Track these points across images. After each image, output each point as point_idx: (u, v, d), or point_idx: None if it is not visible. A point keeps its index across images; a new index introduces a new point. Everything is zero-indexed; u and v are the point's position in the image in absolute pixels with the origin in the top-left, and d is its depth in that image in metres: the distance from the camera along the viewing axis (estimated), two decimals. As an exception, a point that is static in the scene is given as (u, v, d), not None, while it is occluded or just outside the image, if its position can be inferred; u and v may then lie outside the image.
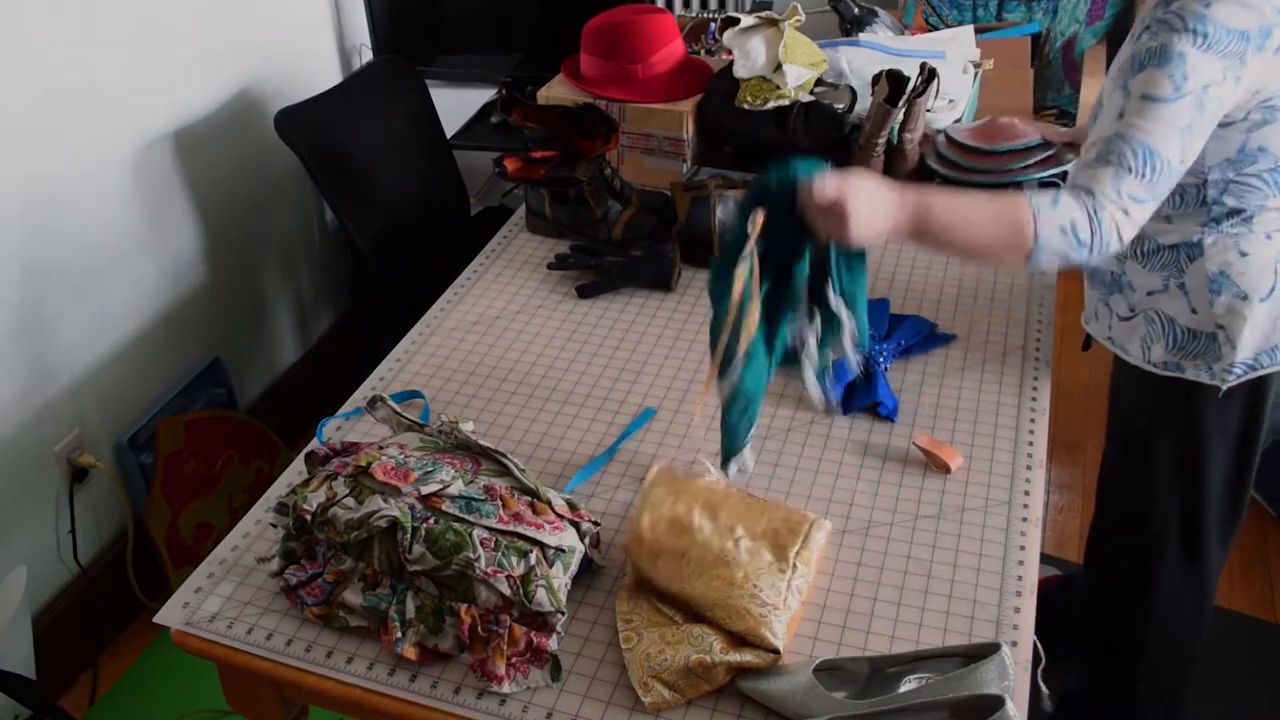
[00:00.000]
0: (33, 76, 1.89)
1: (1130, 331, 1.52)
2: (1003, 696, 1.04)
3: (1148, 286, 1.48)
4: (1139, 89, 1.28)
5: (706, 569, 1.20)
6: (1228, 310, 1.42)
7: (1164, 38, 1.27)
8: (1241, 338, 1.42)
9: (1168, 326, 1.47)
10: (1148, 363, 1.51)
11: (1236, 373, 1.45)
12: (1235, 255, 1.41)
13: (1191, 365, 1.47)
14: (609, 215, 1.93)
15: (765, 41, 2.04)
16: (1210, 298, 1.42)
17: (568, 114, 1.90)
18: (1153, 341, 1.49)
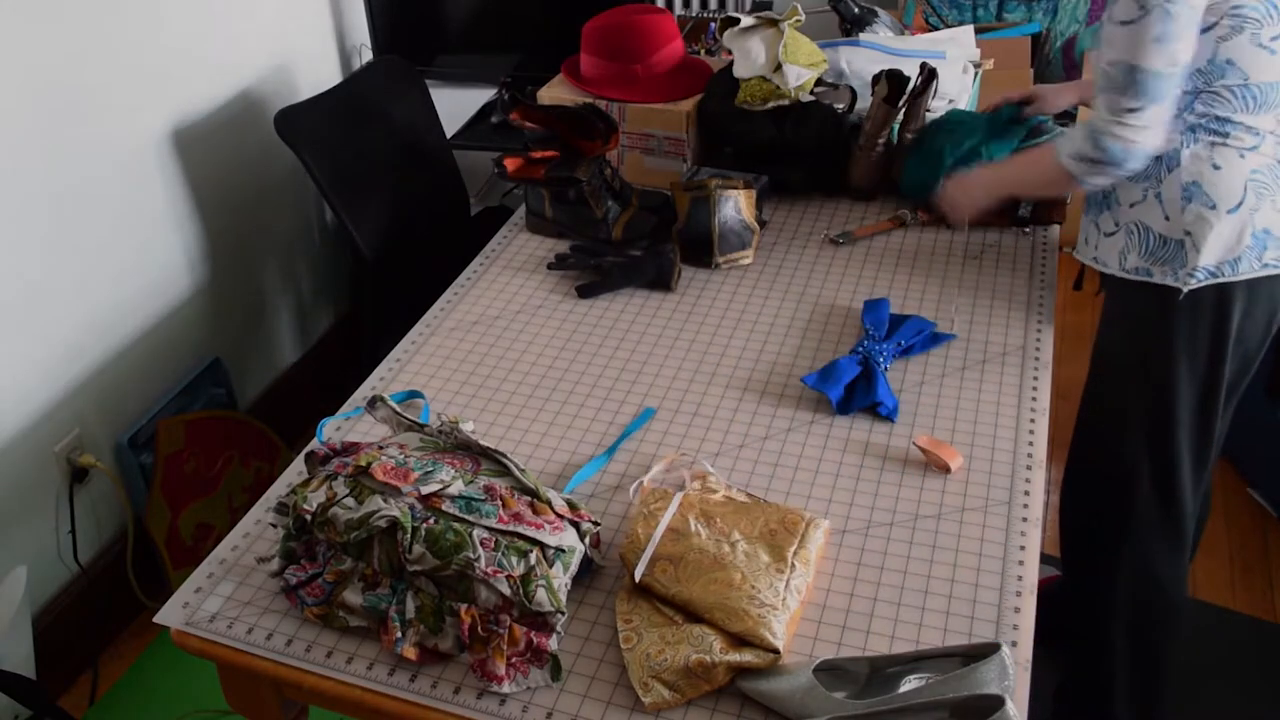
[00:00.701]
0: (33, 76, 1.89)
1: (1112, 246, 1.60)
2: (1003, 696, 1.04)
3: (1130, 199, 1.57)
4: (1115, 16, 1.42)
5: (704, 572, 1.21)
6: (1196, 218, 1.50)
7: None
8: (1206, 244, 1.50)
9: (1143, 234, 1.56)
10: (1122, 269, 1.59)
11: (1199, 277, 1.52)
12: (1209, 168, 1.49)
13: (1159, 269, 1.55)
14: (609, 215, 1.93)
15: (765, 41, 2.04)
16: (1181, 205, 1.51)
17: (568, 114, 1.90)
18: (1129, 251, 1.58)
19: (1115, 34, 1.43)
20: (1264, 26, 1.42)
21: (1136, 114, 1.44)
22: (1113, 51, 1.44)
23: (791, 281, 1.84)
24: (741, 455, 1.47)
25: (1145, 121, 1.44)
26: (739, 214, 1.85)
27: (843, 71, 2.16)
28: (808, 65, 2.05)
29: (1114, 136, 1.46)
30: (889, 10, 2.74)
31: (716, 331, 1.72)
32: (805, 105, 2.03)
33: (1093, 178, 1.52)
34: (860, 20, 2.52)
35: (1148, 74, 1.41)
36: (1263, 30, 1.42)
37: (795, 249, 1.93)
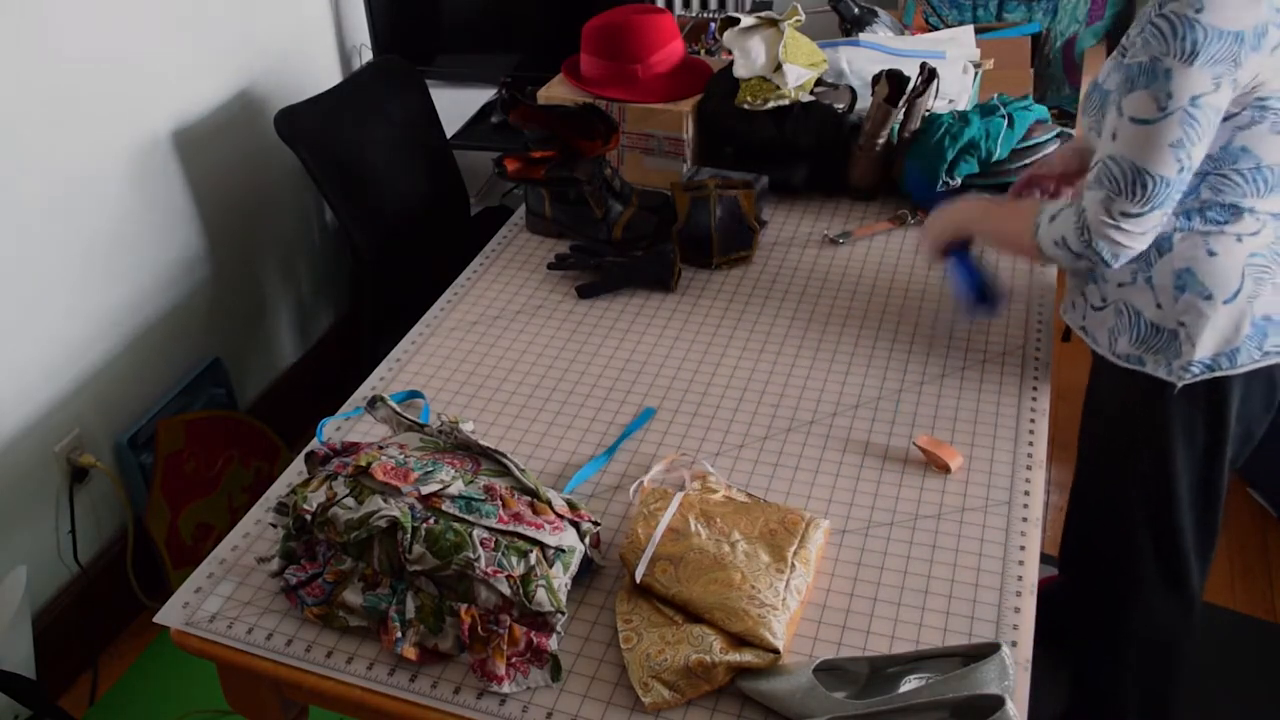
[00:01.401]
0: (32, 76, 1.89)
1: (1101, 322, 1.51)
2: (1003, 696, 1.04)
3: (1118, 278, 1.47)
4: (1128, 110, 1.30)
5: (704, 572, 1.21)
6: (1190, 308, 1.41)
7: (1153, 50, 1.26)
8: (1201, 337, 1.41)
9: (1134, 319, 1.46)
10: (1113, 354, 1.50)
11: (1194, 371, 1.43)
12: (1203, 254, 1.39)
13: (1152, 359, 1.46)
14: (609, 215, 1.93)
15: (765, 41, 2.04)
16: (1175, 294, 1.41)
17: (568, 114, 1.90)
18: (1119, 333, 1.48)
19: (1125, 130, 1.30)
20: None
21: (1136, 220, 1.32)
22: (1119, 147, 1.31)
23: (791, 281, 1.84)
24: (741, 455, 1.47)
25: (1143, 228, 1.33)
26: (739, 214, 1.85)
27: (843, 71, 2.16)
28: (808, 65, 2.05)
29: (1106, 239, 1.34)
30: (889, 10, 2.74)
31: (716, 331, 1.72)
32: (805, 105, 2.03)
33: (1071, 264, 1.42)
34: (860, 20, 2.52)
35: (1157, 180, 1.29)
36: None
37: (795, 249, 1.93)
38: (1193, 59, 1.24)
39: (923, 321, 1.72)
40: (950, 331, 1.69)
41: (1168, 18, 1.25)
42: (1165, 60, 1.25)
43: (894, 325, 1.71)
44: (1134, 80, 1.29)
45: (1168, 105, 1.26)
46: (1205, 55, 1.24)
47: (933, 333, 1.69)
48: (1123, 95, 1.30)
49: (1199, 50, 1.23)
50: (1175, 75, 1.25)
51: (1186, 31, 1.23)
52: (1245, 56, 1.24)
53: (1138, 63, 1.28)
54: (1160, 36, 1.25)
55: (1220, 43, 1.23)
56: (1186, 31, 1.23)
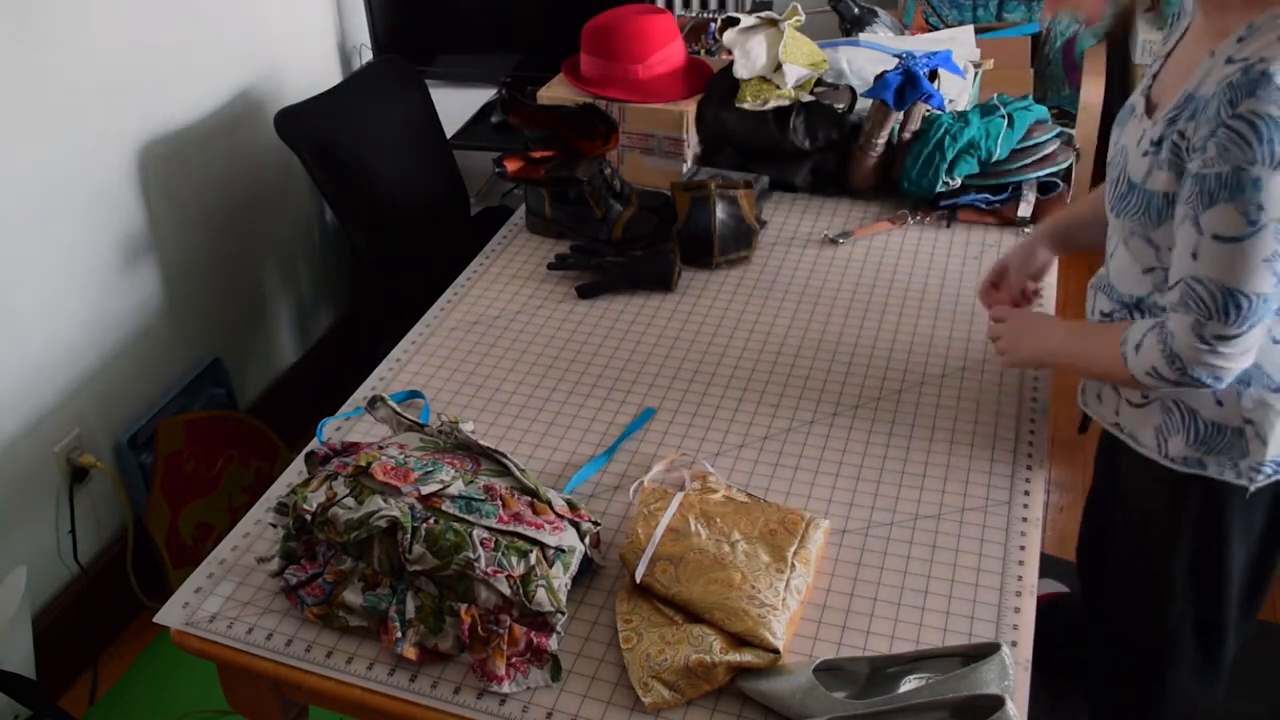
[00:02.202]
0: (32, 76, 1.89)
1: (1144, 420, 1.36)
2: (1003, 696, 1.04)
3: None
4: (1210, 228, 1.14)
5: (704, 572, 1.21)
6: (1258, 404, 1.27)
7: (1235, 159, 1.10)
8: (1273, 433, 1.28)
9: (1188, 418, 1.32)
10: (1164, 457, 1.35)
11: (1266, 472, 1.30)
12: (1268, 343, 1.24)
13: (1214, 461, 1.32)
14: (609, 215, 1.93)
15: (765, 41, 2.04)
16: (1238, 389, 1.27)
17: (568, 114, 1.90)
18: (1170, 434, 1.34)
19: (1209, 249, 1.15)
20: None
21: (1234, 341, 1.17)
22: (1203, 268, 1.16)
23: (791, 281, 1.84)
24: (741, 455, 1.47)
25: (1244, 347, 1.18)
26: (739, 214, 1.85)
27: (843, 71, 2.16)
28: (808, 65, 2.05)
29: (1204, 365, 1.19)
30: (889, 10, 2.74)
31: (716, 331, 1.72)
32: (805, 105, 2.03)
33: (1174, 393, 1.29)
34: (860, 20, 2.52)
35: (1253, 299, 1.14)
36: None
37: (795, 249, 1.93)
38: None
39: (923, 321, 1.72)
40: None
41: (1247, 120, 1.09)
42: (1251, 170, 1.09)
43: (894, 325, 1.71)
44: (1213, 194, 1.13)
45: (1259, 219, 1.11)
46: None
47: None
48: (1200, 210, 1.15)
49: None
50: (1266, 184, 1.09)
51: (1272, 132, 1.08)
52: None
53: (1215, 173, 1.12)
54: (1241, 142, 1.09)
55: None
56: (1272, 132, 1.08)
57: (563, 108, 1.92)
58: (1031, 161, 1.92)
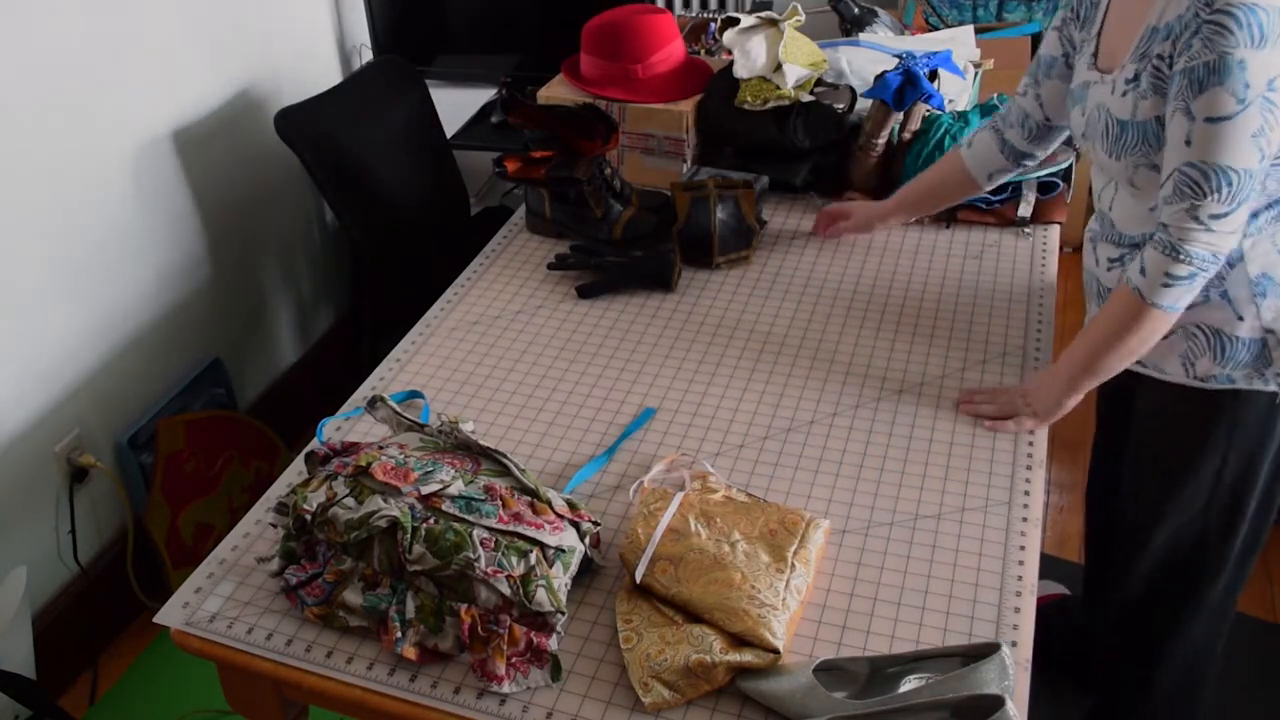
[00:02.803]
0: (32, 76, 1.89)
1: (1167, 350, 1.42)
2: (1003, 696, 1.04)
3: None
4: (1202, 112, 1.23)
5: (704, 572, 1.21)
6: (1277, 314, 1.35)
7: (1219, 47, 1.21)
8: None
9: (1213, 339, 1.38)
10: (1194, 379, 1.42)
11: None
12: (1276, 254, 1.34)
13: (1243, 374, 1.39)
14: (609, 215, 1.93)
15: (765, 41, 2.04)
16: (1256, 301, 1.35)
17: (568, 114, 1.90)
18: (1197, 356, 1.40)
19: (1202, 132, 1.24)
20: None
21: (1225, 219, 1.26)
22: (1196, 153, 1.25)
23: (791, 281, 1.84)
24: (741, 455, 1.47)
25: (1233, 225, 1.27)
26: (739, 214, 1.85)
27: (843, 71, 2.16)
28: (808, 65, 2.05)
29: (1203, 244, 1.27)
30: (889, 10, 2.74)
31: (716, 331, 1.72)
32: (805, 105, 2.03)
33: (1181, 299, 1.32)
34: (860, 20, 2.52)
35: (1240, 174, 1.24)
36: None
37: (795, 249, 1.93)
38: (1264, 42, 1.19)
39: (923, 322, 1.72)
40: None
41: (1226, 11, 1.20)
42: (1235, 52, 1.20)
43: (894, 325, 1.71)
44: (1202, 81, 1.22)
45: (1245, 96, 1.21)
46: (1275, 34, 1.19)
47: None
48: (1191, 98, 1.24)
49: (1267, 31, 1.19)
50: (1249, 65, 1.20)
51: (1249, 17, 1.19)
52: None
53: (1202, 63, 1.22)
54: (1224, 30, 1.20)
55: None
56: (1249, 17, 1.19)
57: (562, 108, 1.92)
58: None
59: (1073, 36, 1.50)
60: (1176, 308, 1.32)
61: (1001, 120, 1.66)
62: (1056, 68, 1.54)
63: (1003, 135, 1.65)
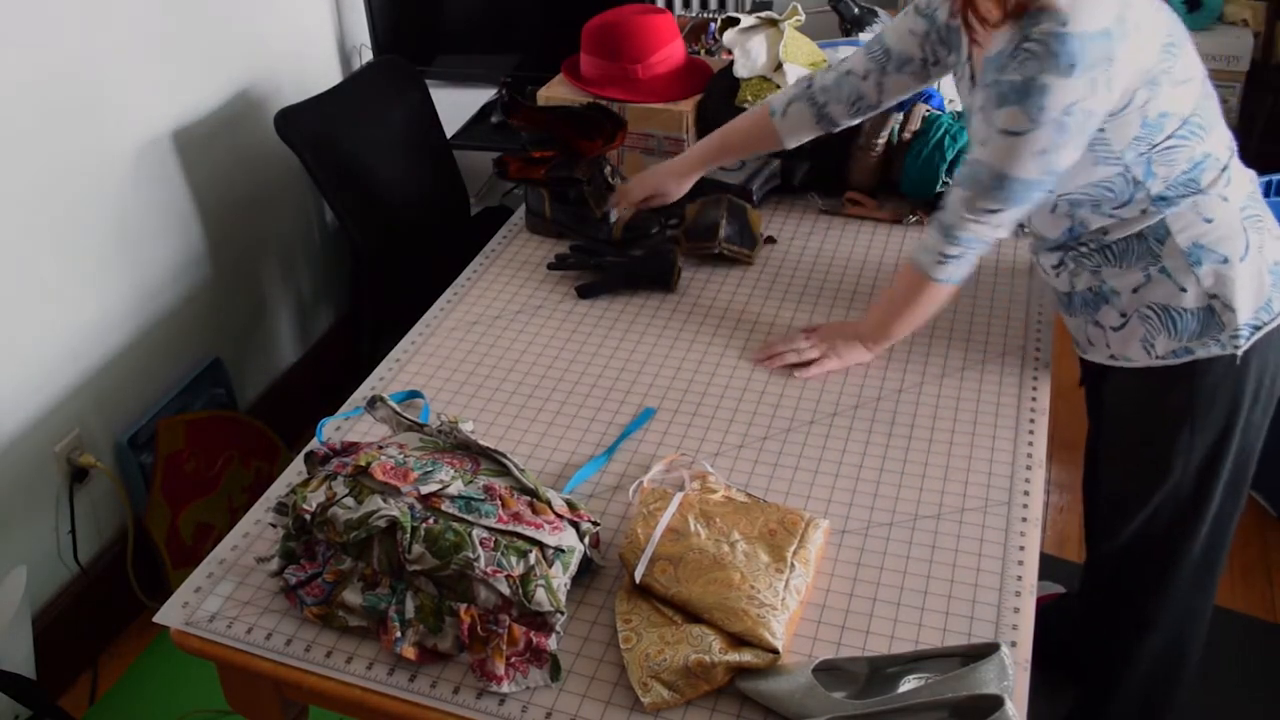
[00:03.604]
0: (33, 76, 1.89)
1: (1128, 337, 1.49)
2: (1002, 696, 1.04)
3: (1131, 284, 1.45)
4: (999, 123, 1.32)
5: (704, 572, 1.21)
6: (1215, 278, 1.40)
7: (1028, 70, 1.27)
8: (1237, 301, 1.40)
9: (1163, 316, 1.44)
10: (1155, 358, 1.47)
11: (1244, 335, 1.42)
12: (1201, 223, 1.39)
13: (1199, 344, 1.44)
14: (609, 215, 1.93)
15: (766, 41, 2.04)
16: (1194, 271, 1.40)
17: (569, 114, 1.90)
18: (1154, 336, 1.46)
19: (995, 141, 1.33)
20: (1174, 68, 1.33)
21: (995, 215, 1.38)
22: (986, 154, 1.35)
23: (791, 281, 1.84)
24: (741, 455, 1.47)
25: (1002, 221, 1.39)
26: (746, 224, 1.87)
27: (843, 71, 2.15)
28: (808, 65, 2.05)
29: (971, 230, 1.40)
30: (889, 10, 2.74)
31: (716, 331, 1.72)
32: (805, 105, 2.03)
33: (960, 273, 1.46)
34: (860, 20, 2.51)
35: (1018, 182, 1.34)
36: (1174, 70, 1.33)
37: (795, 249, 1.93)
38: (1071, 71, 1.25)
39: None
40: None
41: (1039, 40, 1.25)
42: (1041, 78, 1.26)
43: (894, 325, 1.71)
44: (1004, 96, 1.30)
45: (1039, 119, 1.28)
46: (1083, 64, 1.25)
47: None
48: (992, 109, 1.32)
49: (1076, 61, 1.25)
50: (1052, 90, 1.26)
51: (1060, 46, 1.24)
52: (1117, 49, 1.26)
53: (1009, 80, 1.29)
54: (1035, 57, 1.26)
55: (1094, 45, 1.25)
56: (1060, 46, 1.24)
57: (564, 108, 1.92)
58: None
59: (936, 51, 1.56)
60: (954, 280, 1.47)
61: (823, 93, 1.68)
62: (911, 67, 1.60)
63: (823, 108, 1.68)
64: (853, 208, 2.01)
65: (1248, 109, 2.99)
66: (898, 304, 1.54)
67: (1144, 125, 1.34)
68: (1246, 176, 1.45)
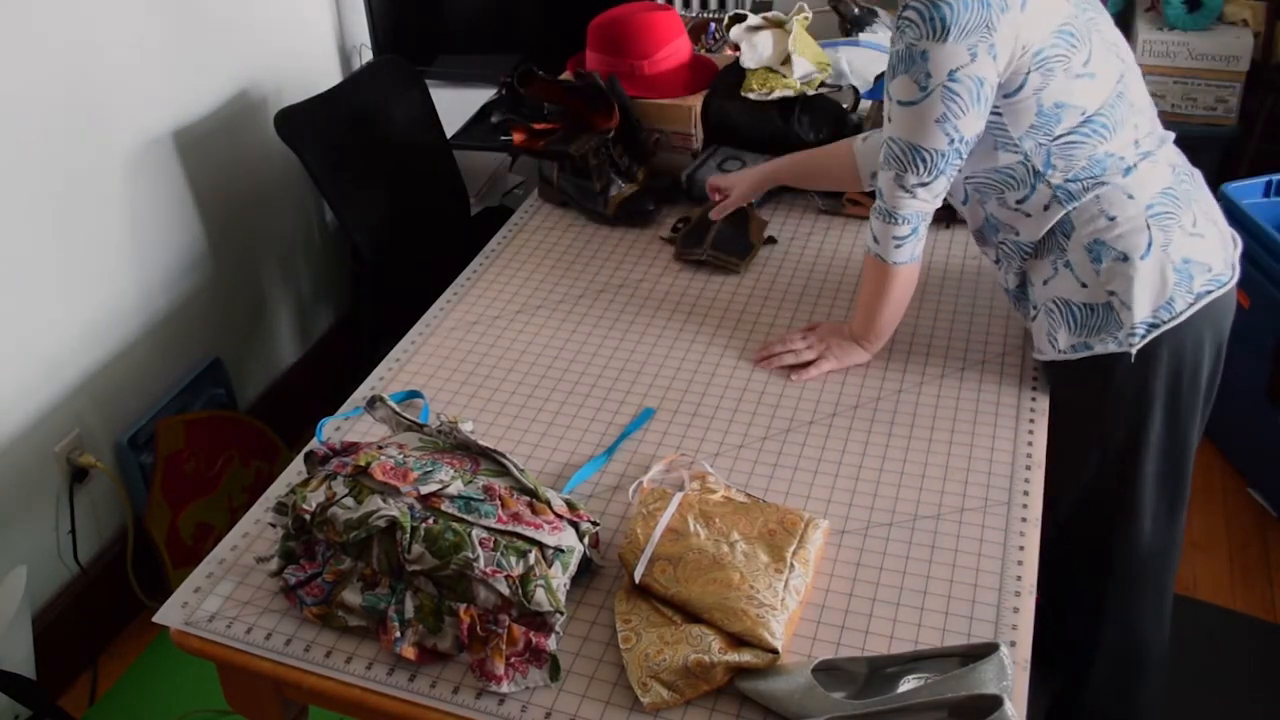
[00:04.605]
0: (33, 76, 1.89)
1: (1038, 330, 1.51)
2: (1001, 696, 1.04)
3: (1042, 277, 1.49)
4: (895, 94, 1.37)
5: (703, 572, 1.21)
6: (1113, 274, 1.42)
7: (908, 37, 1.32)
8: (1134, 298, 1.41)
9: (1064, 310, 1.47)
10: (1058, 352, 1.49)
11: (1139, 333, 1.43)
12: (1104, 220, 1.41)
13: (1098, 340, 1.45)
14: (607, 190, 1.96)
15: (773, 36, 2.05)
16: (1094, 267, 1.42)
17: (578, 89, 1.96)
18: (1056, 329, 1.48)
19: (896, 113, 1.38)
20: (1072, 58, 1.34)
21: (926, 187, 1.41)
22: (894, 129, 1.39)
23: (791, 281, 1.84)
24: (741, 455, 1.47)
25: (935, 191, 1.42)
26: (745, 229, 1.87)
27: (843, 72, 2.16)
28: (814, 63, 2.06)
29: (907, 206, 1.43)
30: (889, 10, 2.74)
31: (716, 332, 1.72)
32: (810, 98, 2.03)
33: (917, 249, 1.48)
34: (860, 20, 2.51)
35: (932, 153, 1.37)
36: (1072, 61, 1.34)
37: (795, 249, 1.93)
38: (945, 35, 1.29)
39: (922, 321, 1.72)
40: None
41: (914, 6, 1.30)
42: (920, 44, 1.30)
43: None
44: (894, 67, 1.35)
45: (927, 84, 1.32)
46: (957, 28, 1.28)
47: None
48: (888, 81, 1.37)
49: (949, 25, 1.28)
50: (931, 55, 1.30)
51: (933, 12, 1.28)
52: (997, 20, 1.29)
53: (895, 51, 1.34)
54: (912, 24, 1.30)
55: (968, 11, 1.28)
56: (933, 12, 1.28)
57: (571, 83, 1.96)
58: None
59: None
60: (915, 257, 1.49)
61: None
62: None
63: None
64: (853, 208, 2.01)
65: (1248, 109, 2.98)
66: (872, 298, 1.55)
67: (1039, 114, 1.37)
68: (1166, 170, 1.44)
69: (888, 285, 1.52)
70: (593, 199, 1.99)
